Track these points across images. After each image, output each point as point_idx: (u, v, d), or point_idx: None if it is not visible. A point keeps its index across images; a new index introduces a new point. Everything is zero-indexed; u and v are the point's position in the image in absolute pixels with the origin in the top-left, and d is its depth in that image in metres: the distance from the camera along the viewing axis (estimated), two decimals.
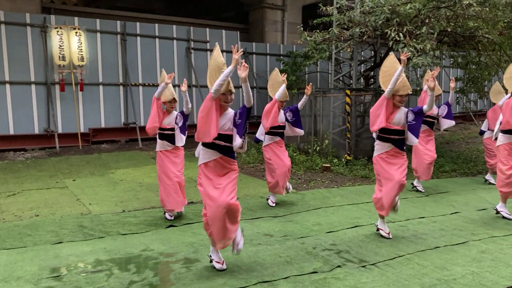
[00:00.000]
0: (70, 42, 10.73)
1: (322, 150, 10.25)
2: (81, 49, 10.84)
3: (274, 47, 14.87)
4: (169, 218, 5.74)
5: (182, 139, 5.66)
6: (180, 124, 5.61)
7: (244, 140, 3.97)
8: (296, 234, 5.18)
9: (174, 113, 5.74)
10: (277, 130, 6.45)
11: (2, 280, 3.85)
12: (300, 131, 6.68)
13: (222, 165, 4.07)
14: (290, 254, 4.49)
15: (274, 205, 6.51)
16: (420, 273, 4.06)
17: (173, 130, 5.66)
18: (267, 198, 6.64)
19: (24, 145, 10.51)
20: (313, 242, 4.89)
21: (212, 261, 4.13)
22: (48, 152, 10.46)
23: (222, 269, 4.07)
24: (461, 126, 16.64)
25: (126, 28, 11.80)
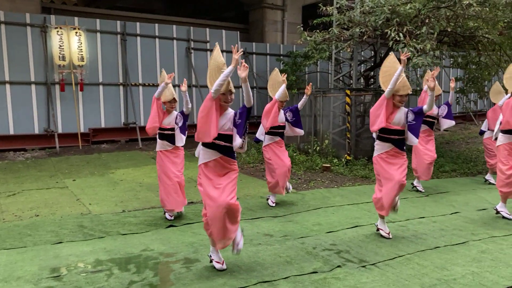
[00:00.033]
0: (70, 42, 10.73)
1: (322, 150, 10.25)
2: (81, 49, 10.84)
3: (274, 47, 14.87)
4: (169, 218, 5.74)
5: (182, 139, 5.66)
6: (180, 124, 5.61)
7: (244, 140, 3.97)
8: (296, 234, 5.18)
9: (174, 113, 5.74)
10: (277, 130, 6.44)
11: (2, 280, 3.85)
12: (300, 131, 6.68)
13: (222, 165, 4.07)
14: (290, 254, 4.49)
15: (274, 205, 6.51)
16: (420, 273, 4.06)
17: (173, 130, 5.66)
18: (267, 198, 6.64)
19: (24, 145, 10.51)
20: (313, 242, 4.89)
21: (212, 261, 4.13)
22: (48, 152, 10.47)
23: (222, 269, 4.07)
24: (461, 126, 16.64)
25: (126, 28, 11.80)
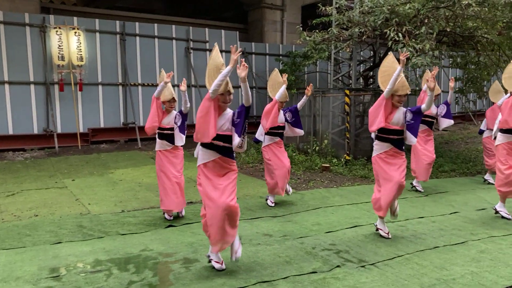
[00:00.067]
0: (69, 42, 10.72)
1: (321, 150, 10.25)
2: (80, 49, 10.83)
3: (273, 47, 14.87)
4: (168, 218, 5.74)
5: (182, 139, 5.65)
6: (179, 123, 5.61)
7: (243, 139, 3.97)
8: (295, 234, 5.19)
9: (174, 112, 5.74)
10: (276, 131, 6.44)
11: (1, 280, 3.85)
12: (300, 131, 6.68)
13: (221, 165, 4.06)
14: (290, 254, 4.49)
15: (273, 205, 6.51)
16: (419, 273, 4.06)
17: (172, 130, 5.66)
18: (266, 198, 6.64)
19: (23, 145, 10.50)
20: (312, 242, 4.89)
21: (210, 261, 4.13)
22: (47, 152, 10.46)
23: (221, 269, 4.07)
24: (460, 126, 16.66)
25: (125, 28, 11.79)
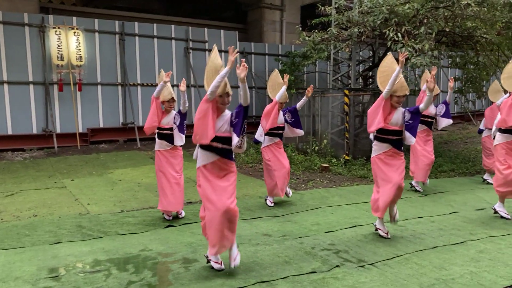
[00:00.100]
0: (68, 42, 10.71)
1: (320, 150, 10.25)
2: (79, 49, 10.82)
3: (272, 47, 14.87)
4: (167, 218, 5.73)
5: (182, 138, 5.64)
6: (177, 123, 5.60)
7: (242, 139, 3.95)
8: (294, 234, 5.19)
9: (173, 112, 5.73)
10: (276, 131, 6.45)
11: (0, 280, 3.85)
12: (300, 132, 6.68)
13: (220, 167, 4.05)
14: (289, 254, 4.49)
15: (273, 205, 6.51)
16: (418, 272, 4.07)
17: (171, 130, 5.65)
18: (266, 198, 6.64)
19: (22, 145, 10.49)
20: (311, 242, 4.89)
21: (209, 261, 4.12)
22: (46, 152, 10.45)
23: (220, 269, 4.06)
24: (459, 126, 16.68)
25: (124, 28, 11.78)
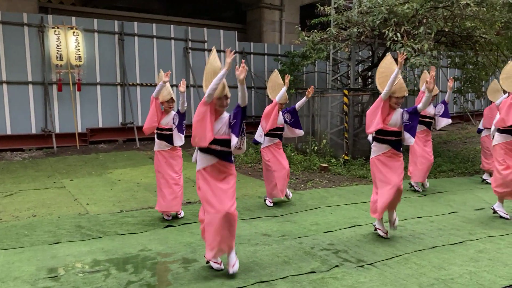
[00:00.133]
0: (68, 42, 10.70)
1: (320, 150, 10.26)
2: (78, 49, 10.82)
3: (272, 47, 14.87)
4: (167, 218, 5.73)
5: (181, 138, 5.63)
6: (176, 123, 5.60)
7: (241, 140, 3.94)
8: (294, 234, 5.19)
9: (172, 113, 5.73)
10: (276, 132, 6.45)
11: (0, 280, 3.85)
12: (300, 132, 6.69)
13: (219, 169, 4.04)
14: (288, 254, 4.49)
15: (272, 205, 6.50)
16: (417, 272, 4.07)
17: (171, 130, 5.64)
18: (265, 198, 6.64)
19: (21, 145, 10.49)
20: (311, 242, 4.89)
21: (208, 261, 4.12)
22: (45, 152, 10.44)
23: (219, 269, 4.06)
24: (458, 126, 16.69)
25: (123, 28, 11.78)
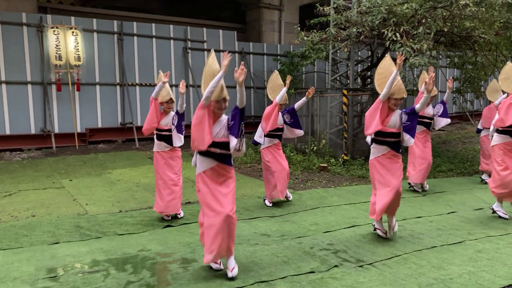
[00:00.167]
0: (67, 42, 10.70)
1: (319, 150, 10.26)
2: (77, 48, 10.81)
3: (271, 47, 14.87)
4: (166, 218, 5.73)
5: (180, 139, 5.62)
6: (175, 123, 5.60)
7: (240, 141, 3.93)
8: (293, 234, 5.19)
9: (171, 113, 5.72)
10: (276, 133, 6.46)
11: None
12: (300, 132, 6.69)
13: (219, 173, 4.03)
14: (288, 254, 4.50)
15: (271, 205, 6.50)
16: (417, 272, 4.07)
17: (170, 131, 5.64)
18: (264, 198, 6.64)
19: (20, 145, 10.48)
20: (310, 242, 4.90)
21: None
22: (44, 152, 10.43)
23: (219, 269, 4.07)
24: (457, 126, 16.69)
25: (123, 27, 11.78)
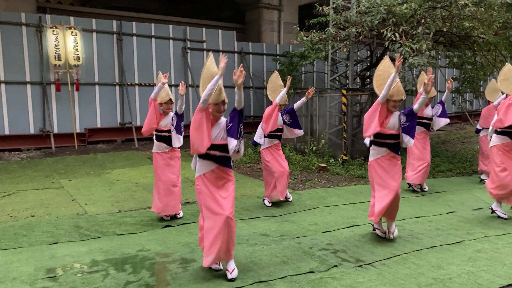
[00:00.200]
0: (66, 42, 10.69)
1: (318, 150, 10.26)
2: (77, 48, 10.80)
3: (270, 47, 14.88)
4: (165, 218, 5.73)
5: (179, 139, 5.63)
6: (175, 124, 5.60)
7: (240, 142, 3.93)
8: (292, 234, 5.19)
9: (171, 114, 5.71)
10: (276, 133, 6.47)
11: None
12: (299, 132, 6.70)
13: (219, 175, 4.03)
14: (287, 254, 4.50)
15: (270, 205, 6.50)
16: (416, 272, 4.08)
17: (169, 132, 5.64)
18: (263, 198, 6.65)
19: (19, 145, 10.47)
20: (309, 241, 4.90)
21: None
22: (43, 152, 10.42)
23: (218, 269, 4.07)
24: (456, 126, 16.71)
25: (122, 27, 11.77)
